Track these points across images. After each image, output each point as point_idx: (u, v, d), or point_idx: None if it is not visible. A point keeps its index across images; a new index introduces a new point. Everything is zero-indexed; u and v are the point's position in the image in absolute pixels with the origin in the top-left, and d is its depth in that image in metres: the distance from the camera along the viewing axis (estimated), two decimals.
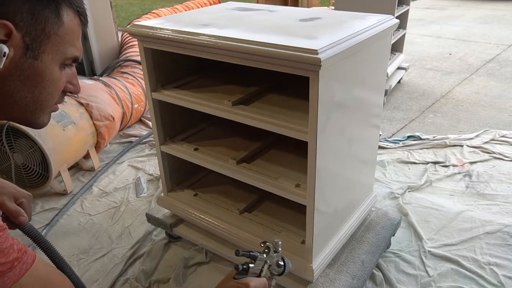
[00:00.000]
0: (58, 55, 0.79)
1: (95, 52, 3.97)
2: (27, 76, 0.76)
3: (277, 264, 1.09)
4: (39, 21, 0.75)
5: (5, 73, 0.73)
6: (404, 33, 3.57)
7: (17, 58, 0.74)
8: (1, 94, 0.75)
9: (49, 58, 0.78)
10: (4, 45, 0.71)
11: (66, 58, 0.81)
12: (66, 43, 0.80)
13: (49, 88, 0.80)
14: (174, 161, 1.71)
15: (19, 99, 0.77)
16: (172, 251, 1.86)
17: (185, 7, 4.84)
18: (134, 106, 2.88)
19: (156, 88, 1.57)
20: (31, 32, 0.74)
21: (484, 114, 3.16)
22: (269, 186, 1.41)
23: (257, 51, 1.18)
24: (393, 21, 1.44)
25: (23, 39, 0.73)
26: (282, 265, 1.09)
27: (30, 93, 0.78)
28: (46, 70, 0.78)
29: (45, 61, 0.77)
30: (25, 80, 0.76)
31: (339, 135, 1.36)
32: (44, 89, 0.79)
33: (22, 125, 0.85)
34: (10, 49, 0.72)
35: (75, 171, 2.50)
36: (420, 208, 2.08)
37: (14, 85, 0.75)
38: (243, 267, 1.03)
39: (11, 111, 0.79)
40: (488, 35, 5.31)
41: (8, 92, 0.75)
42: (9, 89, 0.75)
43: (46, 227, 2.01)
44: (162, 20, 1.50)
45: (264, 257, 1.07)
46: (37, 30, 0.75)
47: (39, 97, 0.80)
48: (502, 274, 1.68)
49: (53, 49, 0.78)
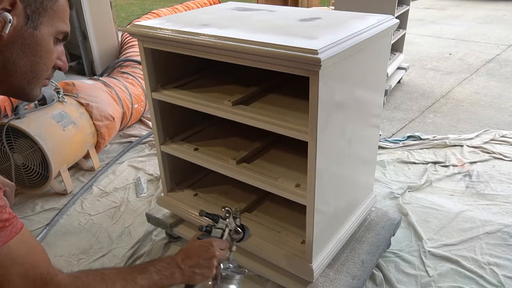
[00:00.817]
0: (53, 28, 0.87)
1: (95, 52, 3.97)
2: (28, 44, 0.84)
3: (235, 230, 1.19)
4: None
5: (8, 40, 0.81)
6: (404, 33, 3.57)
7: (19, 27, 0.81)
8: (4, 60, 0.82)
9: (46, 30, 0.86)
10: (9, 13, 0.79)
11: (59, 32, 0.89)
12: (59, 18, 0.88)
13: (45, 59, 0.88)
14: (174, 161, 1.71)
15: (19, 66, 0.84)
16: (172, 251, 1.86)
17: (185, 7, 4.84)
18: (134, 106, 2.88)
19: (156, 88, 1.57)
20: (31, 4, 0.82)
21: (484, 114, 3.16)
22: (269, 186, 1.41)
23: (257, 51, 1.18)
24: (393, 21, 1.44)
25: (24, 9, 0.81)
26: (241, 231, 1.18)
27: (29, 61, 0.85)
28: (44, 41, 0.86)
29: (42, 32, 0.85)
30: (25, 49, 0.84)
31: (339, 135, 1.36)
32: (41, 59, 0.87)
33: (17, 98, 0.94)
34: (14, 18, 0.79)
35: (75, 171, 2.50)
36: (420, 208, 2.08)
37: (16, 53, 0.83)
38: (206, 228, 1.15)
39: (11, 79, 0.85)
40: (488, 35, 5.31)
41: (10, 59, 0.83)
42: (11, 56, 0.83)
43: (46, 227, 2.01)
44: (162, 20, 1.50)
45: (225, 221, 1.17)
46: (36, 2, 0.83)
47: (36, 66, 0.87)
48: (502, 274, 1.68)
49: (49, 22, 0.86)
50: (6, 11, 0.79)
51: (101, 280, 0.91)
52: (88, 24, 3.82)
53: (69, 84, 2.52)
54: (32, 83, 0.88)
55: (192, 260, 1.08)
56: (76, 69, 4.04)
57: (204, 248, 1.10)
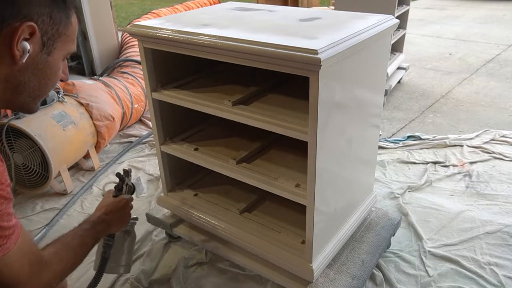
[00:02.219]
0: (64, 51, 0.92)
1: (95, 52, 3.97)
2: (40, 69, 0.88)
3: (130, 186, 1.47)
4: (55, 23, 0.87)
5: (23, 67, 0.85)
6: (404, 33, 3.57)
7: (34, 54, 0.86)
8: (15, 83, 0.86)
9: (58, 54, 0.91)
10: (27, 42, 0.83)
11: (69, 53, 0.94)
12: (71, 40, 0.93)
13: (53, 78, 0.93)
14: (174, 161, 1.71)
15: (28, 87, 0.89)
16: (172, 251, 1.86)
17: (185, 7, 4.84)
18: (134, 106, 2.88)
19: (156, 88, 1.57)
20: (48, 32, 0.86)
21: (484, 114, 3.16)
22: (269, 186, 1.41)
23: (257, 51, 1.17)
24: (393, 21, 1.44)
25: (41, 38, 0.85)
26: (133, 187, 1.48)
27: (38, 82, 0.90)
28: (55, 65, 0.91)
29: (55, 57, 0.90)
30: (37, 72, 0.88)
31: (339, 135, 1.36)
32: (50, 79, 0.92)
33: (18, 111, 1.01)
34: (31, 46, 0.84)
35: (75, 171, 2.50)
36: (420, 208, 2.08)
37: (28, 76, 0.87)
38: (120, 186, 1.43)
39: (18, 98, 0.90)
40: (488, 35, 5.30)
41: (21, 81, 0.87)
42: (23, 79, 0.87)
43: (46, 227, 2.01)
44: (162, 20, 1.50)
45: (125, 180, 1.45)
46: (53, 30, 0.87)
47: (45, 86, 0.92)
48: (502, 274, 1.68)
49: (62, 46, 0.91)
50: (25, 40, 0.82)
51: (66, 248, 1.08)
52: (88, 24, 3.82)
53: (69, 84, 2.52)
54: (38, 99, 0.94)
55: (116, 214, 1.31)
56: (76, 69, 4.04)
57: (121, 204, 1.35)
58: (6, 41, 0.81)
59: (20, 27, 0.80)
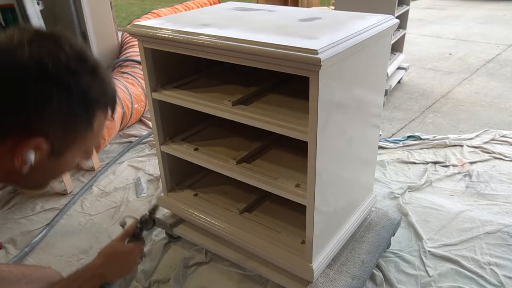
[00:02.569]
0: (82, 150, 0.82)
1: (95, 52, 3.95)
2: (47, 169, 0.80)
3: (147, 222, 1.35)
4: (70, 133, 0.76)
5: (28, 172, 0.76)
6: (404, 33, 3.57)
7: (41, 160, 0.75)
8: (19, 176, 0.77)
9: (72, 154, 0.80)
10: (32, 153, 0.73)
11: (88, 150, 0.84)
12: (92, 140, 0.82)
13: (64, 171, 0.86)
14: (174, 161, 1.71)
15: (34, 181, 0.82)
16: (172, 251, 1.86)
17: (185, 7, 4.84)
18: (134, 106, 2.88)
19: (156, 88, 1.57)
20: (61, 139, 0.76)
21: (484, 114, 3.16)
22: (269, 186, 1.41)
23: (257, 51, 1.18)
24: (393, 21, 1.44)
25: (51, 145, 0.75)
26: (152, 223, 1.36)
27: (45, 178, 0.84)
28: (67, 163, 0.81)
29: (67, 157, 0.79)
30: (46, 172, 0.80)
31: (339, 135, 1.36)
32: (59, 172, 0.85)
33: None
34: (36, 155, 0.74)
35: (75, 171, 2.50)
36: (420, 208, 2.08)
37: (35, 174, 0.78)
38: (138, 233, 1.29)
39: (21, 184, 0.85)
40: (488, 35, 5.30)
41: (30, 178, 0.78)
42: (29, 177, 0.78)
43: (46, 227, 2.00)
44: (162, 20, 1.50)
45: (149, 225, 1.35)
46: (66, 136, 0.76)
47: (52, 177, 0.87)
48: (502, 274, 1.68)
49: (77, 147, 0.80)
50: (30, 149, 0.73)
51: None
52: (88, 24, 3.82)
53: None
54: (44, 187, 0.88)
55: (115, 266, 1.19)
56: None
57: (129, 256, 1.22)
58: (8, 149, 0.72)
59: (25, 141, 0.72)
